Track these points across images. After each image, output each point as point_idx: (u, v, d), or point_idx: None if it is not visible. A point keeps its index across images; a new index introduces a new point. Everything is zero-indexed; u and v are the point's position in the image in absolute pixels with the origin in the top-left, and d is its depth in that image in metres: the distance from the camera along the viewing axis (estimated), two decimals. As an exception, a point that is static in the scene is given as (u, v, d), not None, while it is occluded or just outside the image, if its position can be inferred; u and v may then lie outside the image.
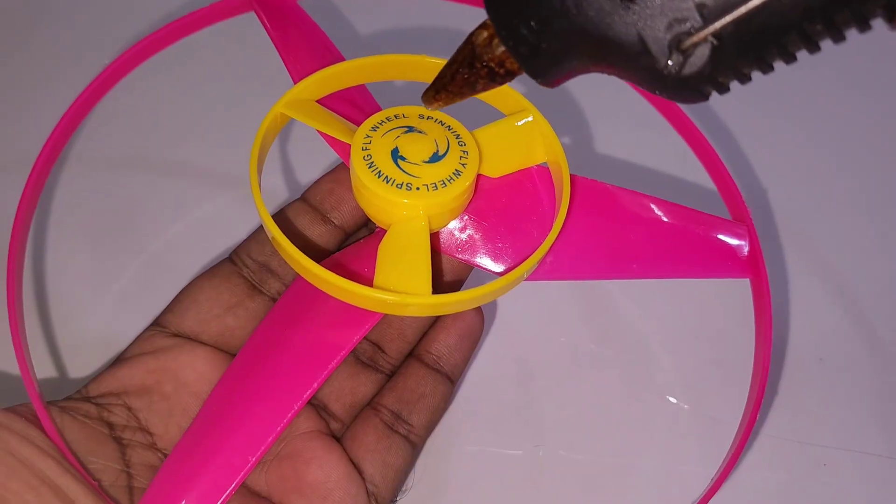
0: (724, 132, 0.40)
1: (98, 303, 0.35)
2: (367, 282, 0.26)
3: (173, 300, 0.29)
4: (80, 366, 0.33)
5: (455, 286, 0.30)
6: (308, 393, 0.26)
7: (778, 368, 0.34)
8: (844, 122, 0.41)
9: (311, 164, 0.38)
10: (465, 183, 0.27)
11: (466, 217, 0.29)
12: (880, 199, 0.39)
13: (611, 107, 0.40)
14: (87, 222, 0.37)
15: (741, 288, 0.32)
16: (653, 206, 0.31)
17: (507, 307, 0.35)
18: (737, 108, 0.41)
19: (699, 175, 0.33)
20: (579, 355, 0.34)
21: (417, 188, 0.27)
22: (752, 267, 0.31)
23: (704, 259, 0.31)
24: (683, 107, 0.33)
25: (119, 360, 0.28)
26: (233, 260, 0.30)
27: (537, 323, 0.35)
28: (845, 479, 0.32)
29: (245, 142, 0.37)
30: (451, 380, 0.30)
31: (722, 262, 0.31)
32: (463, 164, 0.28)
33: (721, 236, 0.31)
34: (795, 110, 0.41)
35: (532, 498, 0.31)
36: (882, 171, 0.40)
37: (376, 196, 0.27)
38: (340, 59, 0.32)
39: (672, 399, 0.34)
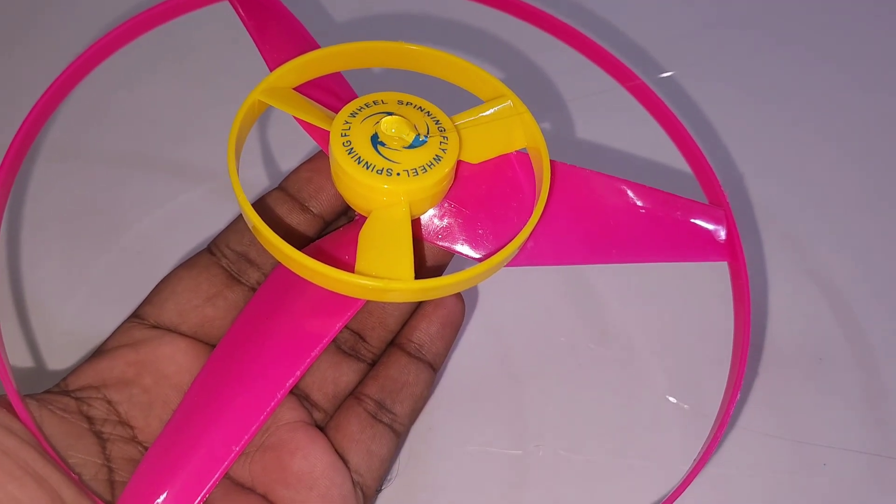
0: (701, 118, 0.41)
1: (74, 295, 0.34)
2: (349, 269, 0.26)
3: (152, 291, 0.29)
4: (58, 359, 0.32)
5: (435, 273, 0.30)
6: (291, 381, 0.26)
7: (756, 358, 0.34)
8: (821, 107, 0.42)
9: (290, 153, 0.38)
10: (446, 168, 0.27)
11: (446, 204, 0.29)
12: (858, 185, 0.39)
13: (587, 92, 0.40)
14: (62, 215, 0.36)
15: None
16: (631, 190, 0.31)
17: (496, 303, 0.35)
18: (713, 94, 0.41)
19: (677, 160, 0.33)
20: (578, 354, 0.34)
21: (398, 174, 0.27)
22: (730, 250, 0.31)
23: (682, 243, 0.31)
24: (659, 93, 0.33)
25: (98, 353, 0.27)
26: (211, 250, 0.30)
27: (533, 323, 0.35)
28: (846, 478, 0.32)
29: (217, 133, 0.37)
30: (434, 368, 0.30)
31: (699, 246, 0.31)
32: (443, 150, 0.27)
33: (698, 220, 0.31)
34: (772, 97, 0.42)
35: (525, 497, 0.31)
36: (860, 158, 0.40)
37: (356, 182, 0.27)
38: (315, 46, 0.32)
39: (672, 399, 0.33)
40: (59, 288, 0.34)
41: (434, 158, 0.27)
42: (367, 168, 0.27)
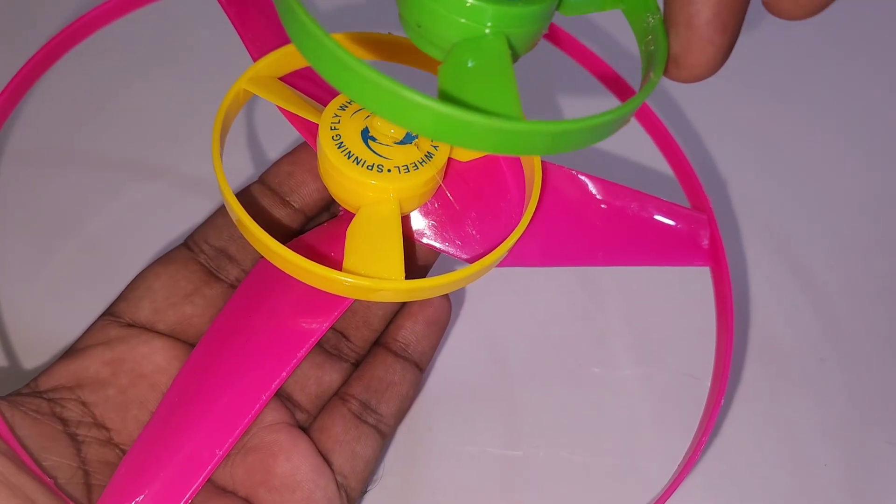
0: (684, 120, 0.41)
1: (44, 293, 0.32)
2: (336, 266, 0.25)
3: (126, 288, 0.28)
4: (26, 358, 0.31)
5: (422, 272, 0.30)
6: (277, 383, 0.25)
7: (754, 358, 0.34)
8: (810, 108, 0.42)
9: (272, 146, 0.37)
10: (437, 166, 0.27)
11: (435, 202, 0.29)
12: (842, 188, 0.40)
13: (572, 94, 0.40)
14: (30, 214, 0.35)
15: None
16: (616, 193, 0.31)
17: (495, 302, 0.35)
18: (698, 99, 0.41)
19: (661, 163, 0.33)
20: (577, 354, 0.34)
21: (388, 170, 0.26)
22: (713, 256, 0.31)
23: (665, 248, 0.31)
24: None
25: (71, 352, 0.26)
26: (188, 246, 0.29)
27: (533, 323, 0.35)
28: (846, 478, 0.32)
29: (187, 132, 0.35)
30: (420, 368, 0.29)
31: (683, 251, 0.31)
32: (435, 147, 0.27)
33: (682, 225, 0.31)
34: (756, 102, 0.42)
35: (524, 497, 0.31)
36: (849, 158, 0.40)
37: (345, 177, 0.26)
38: None
39: (673, 399, 0.33)
40: (26, 287, 0.33)
41: (426, 155, 0.27)
42: (357, 163, 0.26)
